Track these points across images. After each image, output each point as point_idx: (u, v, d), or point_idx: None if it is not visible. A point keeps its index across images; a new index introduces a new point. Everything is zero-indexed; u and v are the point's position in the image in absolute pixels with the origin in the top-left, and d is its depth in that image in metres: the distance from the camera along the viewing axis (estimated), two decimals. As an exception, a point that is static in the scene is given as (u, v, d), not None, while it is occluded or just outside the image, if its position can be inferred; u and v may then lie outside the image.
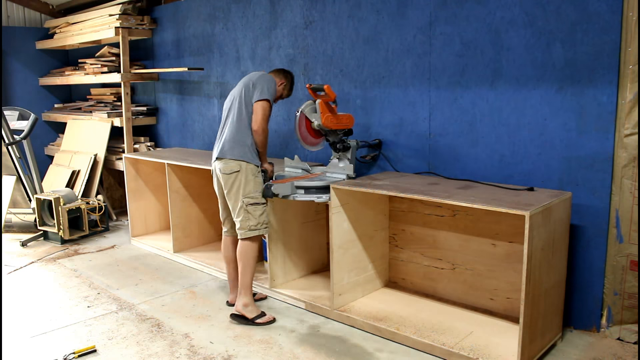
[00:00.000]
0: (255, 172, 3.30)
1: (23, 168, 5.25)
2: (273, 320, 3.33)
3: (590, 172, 2.95)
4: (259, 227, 3.32)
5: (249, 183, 3.28)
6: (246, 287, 3.36)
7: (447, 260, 3.47)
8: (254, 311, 3.33)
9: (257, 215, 3.30)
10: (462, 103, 3.39)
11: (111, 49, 5.74)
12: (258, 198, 3.30)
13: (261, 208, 3.32)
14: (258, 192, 3.31)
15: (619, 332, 3.00)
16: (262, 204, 3.32)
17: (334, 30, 4.02)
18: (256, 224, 3.31)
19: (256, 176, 3.31)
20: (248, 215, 3.29)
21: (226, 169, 3.27)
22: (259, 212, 3.31)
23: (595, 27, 2.83)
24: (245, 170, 3.27)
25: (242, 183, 3.27)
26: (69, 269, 4.41)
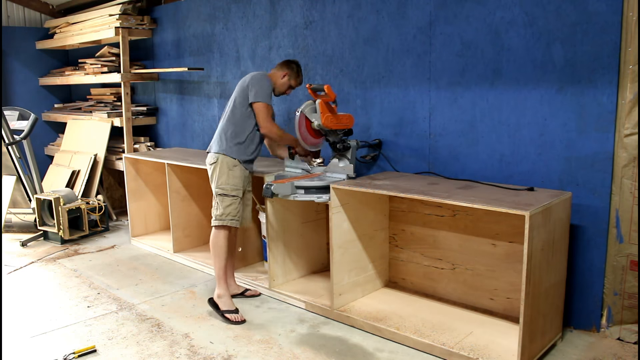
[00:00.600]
0: (230, 166, 3.42)
1: (23, 168, 5.25)
2: (242, 322, 3.33)
3: (590, 172, 2.95)
4: (223, 218, 3.43)
5: (223, 175, 3.42)
6: (217, 277, 3.47)
7: (447, 260, 3.47)
8: (227, 304, 3.41)
9: (224, 205, 3.43)
10: (462, 103, 3.39)
11: (111, 49, 5.74)
12: (228, 190, 3.43)
13: (229, 200, 3.43)
14: (230, 185, 3.43)
15: (619, 332, 3.00)
16: (231, 196, 3.43)
17: (334, 30, 4.02)
18: (221, 214, 3.43)
19: (231, 169, 3.42)
20: (217, 205, 3.45)
21: (209, 160, 3.50)
22: (226, 203, 3.43)
23: (595, 27, 2.83)
24: (221, 162, 3.42)
25: (217, 174, 3.44)
26: (69, 269, 4.41)
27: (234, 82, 4.87)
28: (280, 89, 3.58)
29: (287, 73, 3.55)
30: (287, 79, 3.56)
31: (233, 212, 3.45)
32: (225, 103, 5.01)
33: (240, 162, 3.45)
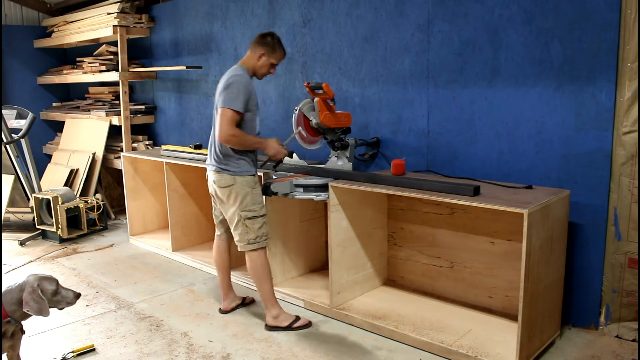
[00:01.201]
0: (251, 184, 3.13)
1: (21, 167, 5.24)
2: (308, 324, 3.23)
3: (588, 170, 2.95)
4: (258, 241, 3.16)
5: (246, 197, 3.10)
6: (267, 300, 3.23)
7: (446, 259, 3.47)
8: (287, 319, 3.22)
9: (255, 228, 3.14)
10: (460, 101, 3.39)
11: (109, 48, 5.73)
12: (256, 211, 3.13)
13: (260, 221, 3.15)
14: (258, 204, 3.14)
15: (617, 330, 3.00)
16: (260, 216, 3.16)
17: (332, 29, 4.01)
18: (255, 237, 3.15)
19: (253, 188, 3.13)
20: (246, 229, 3.14)
21: (221, 182, 3.12)
22: (257, 225, 3.15)
23: (593, 25, 2.82)
24: (240, 184, 3.10)
25: (239, 196, 3.10)
26: (67, 267, 4.41)
27: (233, 80, 4.87)
28: (261, 70, 3.16)
29: (263, 52, 3.12)
30: (265, 59, 3.13)
31: (265, 232, 3.20)
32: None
33: (255, 175, 3.19)
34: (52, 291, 2.40)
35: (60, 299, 2.44)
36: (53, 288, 2.40)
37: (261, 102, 4.65)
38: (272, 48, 3.14)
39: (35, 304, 2.31)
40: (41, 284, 2.38)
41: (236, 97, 2.98)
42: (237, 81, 3.03)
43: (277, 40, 3.17)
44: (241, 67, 3.15)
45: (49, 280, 2.42)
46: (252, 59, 3.15)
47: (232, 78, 3.05)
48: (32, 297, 2.32)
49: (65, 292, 2.46)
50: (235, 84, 3.01)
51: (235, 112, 2.98)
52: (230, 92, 2.99)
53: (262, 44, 3.13)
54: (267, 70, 3.19)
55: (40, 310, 2.33)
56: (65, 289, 2.47)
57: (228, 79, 3.06)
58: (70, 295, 2.47)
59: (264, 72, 3.19)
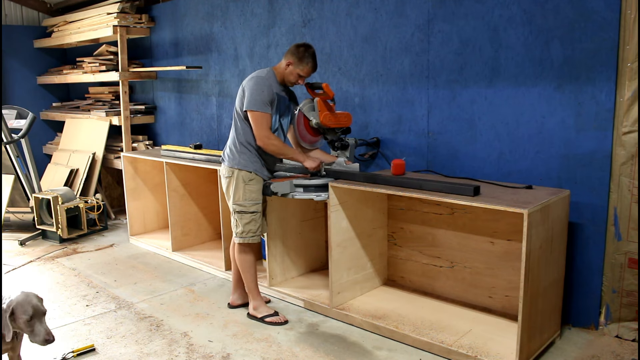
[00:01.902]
0: (246, 180, 3.22)
1: (21, 167, 5.24)
2: (284, 322, 3.29)
3: (588, 170, 2.95)
4: (244, 236, 3.27)
5: (238, 190, 3.23)
6: (250, 290, 3.38)
7: (446, 258, 3.47)
8: (264, 311, 3.34)
9: (242, 223, 3.26)
10: (460, 101, 3.39)
11: (109, 48, 5.73)
12: (246, 207, 3.24)
13: (248, 217, 3.25)
14: (248, 200, 3.24)
15: (617, 330, 3.00)
16: (250, 212, 3.25)
17: (332, 29, 4.01)
18: (241, 231, 3.27)
19: (247, 183, 3.22)
20: (236, 222, 3.29)
21: (222, 171, 3.33)
22: (245, 221, 3.26)
23: (593, 25, 2.82)
24: (236, 177, 3.22)
25: (233, 189, 3.25)
26: (67, 267, 4.41)
27: (233, 80, 4.87)
28: (288, 78, 3.22)
29: (290, 61, 3.17)
30: (292, 67, 3.17)
31: (254, 229, 3.28)
32: (223, 101, 5.01)
33: (257, 174, 3.25)
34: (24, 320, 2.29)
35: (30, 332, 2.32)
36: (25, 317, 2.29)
37: (261, 102, 4.65)
38: (300, 59, 3.16)
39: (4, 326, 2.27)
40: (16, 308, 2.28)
41: (260, 98, 3.08)
42: (257, 82, 3.12)
43: (309, 53, 3.18)
44: (269, 70, 3.23)
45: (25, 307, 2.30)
46: (281, 67, 3.23)
47: (256, 79, 3.15)
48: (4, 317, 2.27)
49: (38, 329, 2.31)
50: (260, 84, 3.11)
51: (264, 113, 3.10)
52: (254, 92, 3.09)
53: (292, 53, 3.18)
54: (295, 80, 3.23)
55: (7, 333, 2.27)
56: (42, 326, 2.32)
57: (251, 79, 3.16)
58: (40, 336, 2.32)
59: (291, 80, 3.24)
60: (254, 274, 3.37)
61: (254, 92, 3.09)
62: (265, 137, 3.12)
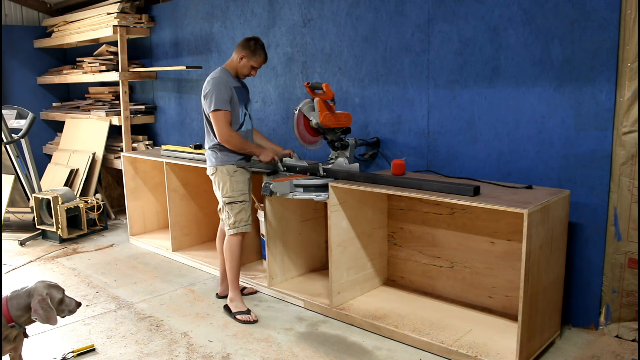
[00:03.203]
0: (230, 172, 3.37)
1: (21, 167, 5.24)
2: (253, 321, 3.32)
3: (588, 170, 2.95)
4: (237, 225, 3.39)
5: (225, 183, 3.38)
6: (232, 282, 3.48)
7: (446, 259, 3.47)
8: (237, 307, 3.42)
9: (234, 213, 3.38)
10: (460, 101, 3.39)
11: (109, 48, 5.73)
12: (235, 197, 3.38)
13: (238, 206, 3.38)
14: (236, 190, 3.38)
15: (617, 330, 3.00)
16: (239, 202, 3.38)
17: (332, 29, 4.01)
18: (234, 222, 3.39)
19: (232, 175, 3.37)
20: (228, 214, 3.40)
21: (208, 171, 3.48)
22: (235, 211, 3.38)
23: (593, 25, 2.82)
24: (219, 172, 3.38)
25: (220, 184, 3.40)
26: (67, 267, 4.41)
27: (233, 80, 4.87)
28: (242, 71, 3.38)
29: (243, 55, 3.34)
30: (245, 60, 3.35)
31: (245, 218, 3.42)
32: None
33: (238, 166, 3.39)
34: (59, 299, 2.42)
35: (64, 307, 2.46)
36: (60, 296, 2.42)
37: (261, 102, 4.65)
38: (253, 52, 3.35)
39: (44, 313, 2.32)
40: (50, 292, 2.39)
41: (220, 97, 3.24)
42: (213, 83, 3.29)
43: (259, 45, 3.38)
44: (221, 69, 3.40)
45: (57, 288, 2.44)
46: (234, 61, 3.38)
47: (213, 80, 3.31)
48: (42, 306, 2.32)
49: (69, 300, 2.48)
50: (217, 85, 3.27)
51: (226, 111, 3.26)
52: (213, 93, 3.25)
53: (244, 47, 3.35)
54: (248, 72, 3.41)
55: (49, 319, 2.34)
56: (68, 297, 2.49)
57: (208, 81, 3.34)
58: (72, 304, 2.49)
59: (244, 73, 3.41)
60: (239, 266, 3.48)
61: (213, 93, 3.26)
62: (226, 134, 3.27)
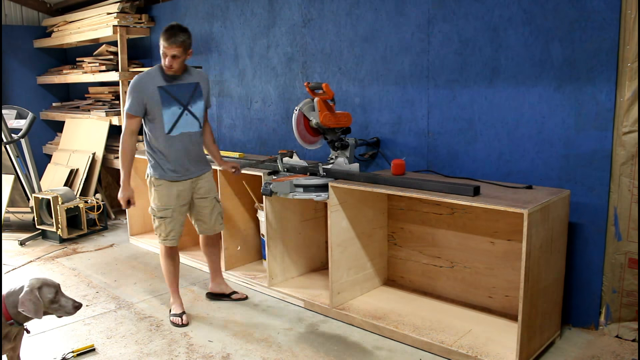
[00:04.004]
0: (155, 184, 3.30)
1: (21, 167, 5.24)
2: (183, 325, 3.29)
3: (588, 170, 2.95)
4: (158, 238, 3.39)
5: (150, 195, 3.35)
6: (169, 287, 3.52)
7: (446, 259, 3.47)
8: (173, 309, 3.42)
9: (155, 225, 3.36)
10: (460, 101, 3.39)
11: (109, 48, 5.73)
12: (155, 211, 3.32)
13: (157, 221, 3.33)
14: (156, 205, 3.31)
15: (617, 330, 3.00)
16: (158, 217, 3.31)
17: (332, 28, 4.01)
18: (157, 233, 3.38)
19: (155, 188, 3.30)
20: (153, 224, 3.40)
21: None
22: (155, 224, 3.35)
23: (593, 25, 2.82)
24: (149, 181, 3.36)
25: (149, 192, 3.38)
26: (67, 267, 4.41)
27: (233, 80, 4.87)
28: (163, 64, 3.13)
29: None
30: (161, 48, 3.09)
31: (163, 234, 3.33)
32: (223, 101, 5.01)
33: (164, 179, 3.25)
34: (50, 299, 2.37)
35: (58, 307, 2.40)
36: (50, 296, 2.37)
37: (261, 102, 4.65)
38: (161, 37, 3.06)
39: (31, 305, 2.29)
40: (42, 289, 2.36)
41: (128, 100, 3.16)
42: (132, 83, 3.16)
43: (166, 29, 3.05)
44: (153, 67, 3.25)
45: (49, 286, 2.39)
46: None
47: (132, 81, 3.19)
48: (29, 298, 2.29)
49: (65, 301, 2.42)
50: (131, 86, 3.16)
51: (129, 115, 3.18)
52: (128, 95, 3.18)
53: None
54: (165, 62, 3.10)
55: (36, 312, 2.31)
56: (65, 297, 2.43)
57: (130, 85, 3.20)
58: (69, 306, 2.42)
59: (165, 64, 3.11)
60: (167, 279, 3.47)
61: (128, 93, 3.18)
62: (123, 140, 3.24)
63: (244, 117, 4.82)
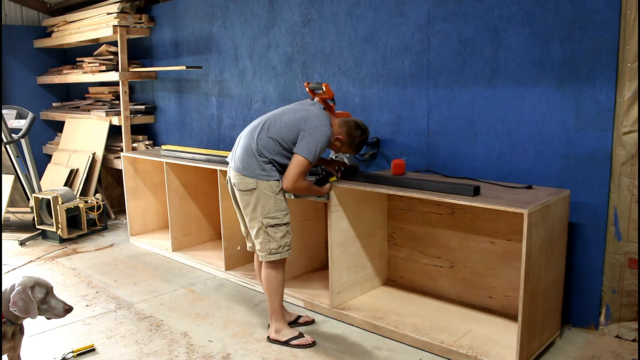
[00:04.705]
0: (274, 189, 2.94)
1: (21, 167, 5.24)
2: (312, 343, 3.02)
3: (588, 170, 2.95)
4: (280, 251, 2.99)
5: (268, 201, 2.93)
6: (274, 313, 3.08)
7: (446, 259, 3.47)
8: (288, 334, 3.06)
9: (278, 237, 2.97)
10: (460, 101, 3.39)
11: (109, 48, 5.73)
12: (279, 218, 2.96)
13: (283, 229, 2.98)
14: (280, 211, 2.97)
15: (617, 330, 3.00)
16: (284, 224, 2.98)
17: (332, 29, 4.01)
18: (277, 247, 2.98)
19: (276, 193, 2.95)
20: (268, 238, 2.97)
21: (241, 184, 2.97)
22: (280, 234, 2.97)
23: (593, 25, 2.82)
24: (262, 187, 2.92)
25: (260, 202, 2.94)
26: (67, 267, 4.41)
27: (232, 80, 4.87)
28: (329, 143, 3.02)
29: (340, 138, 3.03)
30: (339, 143, 3.04)
31: (288, 242, 3.01)
32: (223, 101, 5.01)
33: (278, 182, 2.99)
34: (40, 299, 2.32)
35: (48, 308, 2.35)
36: (41, 296, 2.33)
37: (261, 102, 4.65)
38: (350, 143, 3.05)
39: (22, 304, 2.26)
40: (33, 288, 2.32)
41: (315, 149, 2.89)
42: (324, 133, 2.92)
43: (363, 140, 3.07)
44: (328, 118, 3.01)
45: (41, 286, 2.35)
46: (334, 126, 3.03)
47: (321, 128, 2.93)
48: (21, 297, 2.26)
49: (55, 303, 2.37)
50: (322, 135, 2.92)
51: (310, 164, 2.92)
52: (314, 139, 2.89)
53: (345, 130, 3.02)
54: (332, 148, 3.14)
55: (27, 311, 2.27)
56: (56, 299, 2.38)
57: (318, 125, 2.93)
58: (59, 308, 2.37)
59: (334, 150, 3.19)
60: (281, 296, 3.09)
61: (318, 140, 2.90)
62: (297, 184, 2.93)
63: (244, 117, 4.82)
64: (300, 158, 2.88)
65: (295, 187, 2.93)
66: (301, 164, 2.89)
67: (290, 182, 2.90)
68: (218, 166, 4.01)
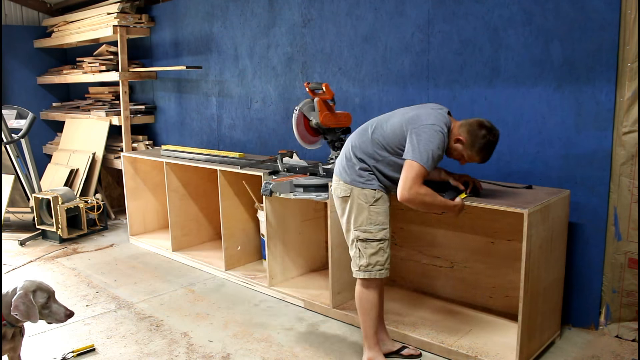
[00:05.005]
0: (369, 199, 2.59)
1: (21, 167, 5.24)
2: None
3: (588, 170, 2.95)
4: (369, 269, 2.62)
5: (362, 212, 2.60)
6: (366, 338, 2.74)
7: (446, 259, 3.47)
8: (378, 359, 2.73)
9: (368, 253, 2.61)
10: (460, 101, 3.39)
11: (109, 48, 5.73)
12: (372, 233, 2.60)
13: (375, 246, 2.60)
14: (373, 225, 2.60)
15: (617, 330, 3.00)
16: (376, 240, 2.60)
17: (332, 29, 4.01)
18: (367, 264, 2.62)
19: (371, 204, 2.59)
20: (359, 253, 2.64)
21: (337, 189, 2.69)
22: (371, 251, 2.61)
23: (593, 25, 2.82)
24: (356, 196, 2.60)
25: (354, 211, 2.61)
26: (67, 267, 4.41)
27: (232, 80, 4.87)
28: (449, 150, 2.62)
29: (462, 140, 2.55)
30: (461, 147, 2.58)
31: (381, 260, 2.62)
32: (223, 101, 5.00)
33: (382, 190, 2.62)
34: (41, 304, 2.33)
35: (49, 313, 2.36)
36: (42, 301, 2.33)
37: (261, 102, 4.65)
38: (473, 144, 2.54)
39: (24, 309, 2.27)
40: (35, 292, 2.33)
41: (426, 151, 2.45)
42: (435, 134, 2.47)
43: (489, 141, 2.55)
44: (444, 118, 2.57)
45: (43, 291, 2.35)
46: (453, 128, 2.59)
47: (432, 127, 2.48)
48: (23, 301, 2.27)
49: (57, 308, 2.37)
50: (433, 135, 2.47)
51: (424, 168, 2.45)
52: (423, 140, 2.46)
53: (468, 131, 2.54)
54: (455, 156, 2.66)
55: (29, 316, 2.28)
56: (58, 304, 2.38)
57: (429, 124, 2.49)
58: (60, 313, 2.37)
59: (450, 154, 2.65)
60: (375, 318, 2.70)
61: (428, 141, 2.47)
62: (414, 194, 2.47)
63: (244, 117, 4.82)
64: (412, 163, 2.44)
65: (412, 196, 2.45)
66: (412, 169, 2.44)
67: (405, 190, 2.44)
68: (218, 166, 4.01)
